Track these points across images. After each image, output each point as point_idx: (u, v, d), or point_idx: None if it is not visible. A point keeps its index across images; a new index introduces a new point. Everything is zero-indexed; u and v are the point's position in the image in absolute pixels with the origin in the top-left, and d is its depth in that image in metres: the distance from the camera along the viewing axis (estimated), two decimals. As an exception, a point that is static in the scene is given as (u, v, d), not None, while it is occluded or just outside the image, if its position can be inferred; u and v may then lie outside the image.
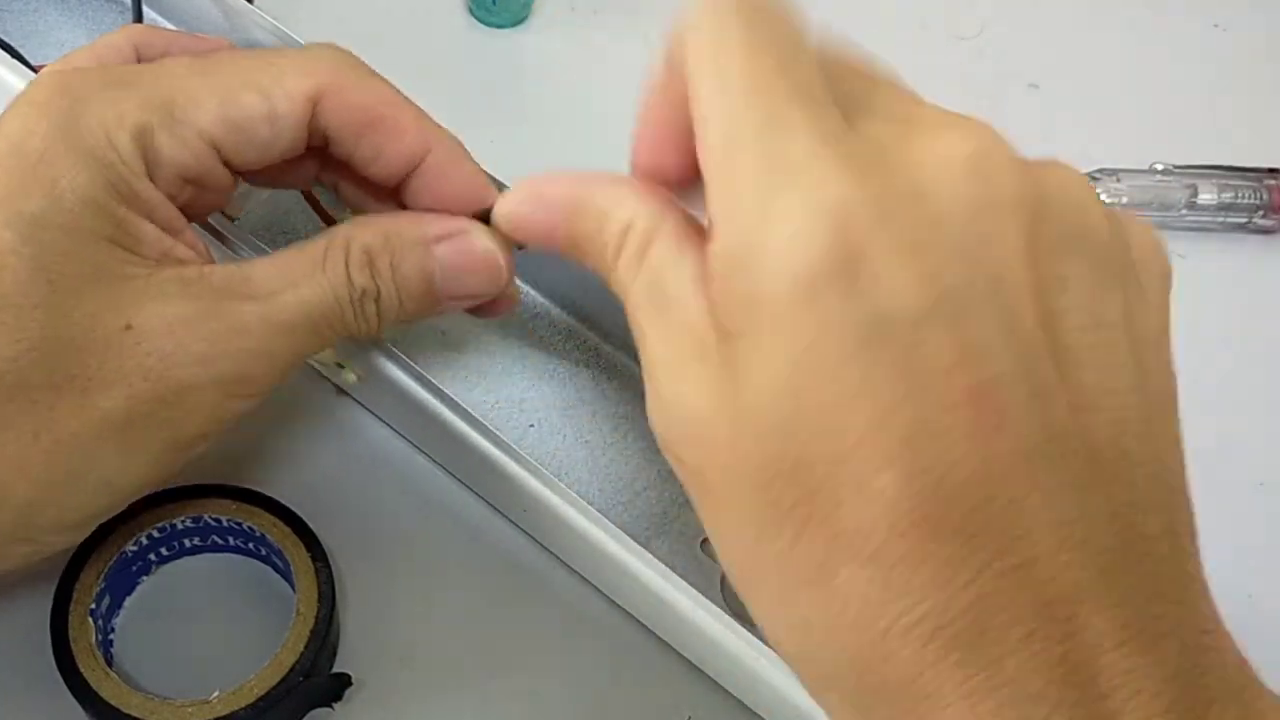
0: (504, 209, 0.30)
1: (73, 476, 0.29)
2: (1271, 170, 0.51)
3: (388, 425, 0.42)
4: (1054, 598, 0.20)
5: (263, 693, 0.33)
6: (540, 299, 0.45)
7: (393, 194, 0.34)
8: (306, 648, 0.34)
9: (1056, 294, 0.22)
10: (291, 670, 0.34)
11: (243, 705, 0.33)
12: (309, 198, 0.45)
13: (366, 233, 0.31)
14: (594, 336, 0.44)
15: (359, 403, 0.42)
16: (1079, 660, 0.20)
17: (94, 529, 0.32)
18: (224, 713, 0.33)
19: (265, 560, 0.38)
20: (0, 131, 0.28)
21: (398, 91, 0.32)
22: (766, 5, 0.24)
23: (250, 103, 0.30)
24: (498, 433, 0.37)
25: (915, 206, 0.21)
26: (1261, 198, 0.50)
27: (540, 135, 0.51)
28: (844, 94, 0.23)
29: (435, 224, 0.32)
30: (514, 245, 0.33)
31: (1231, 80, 0.56)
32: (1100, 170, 0.50)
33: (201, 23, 0.49)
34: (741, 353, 0.22)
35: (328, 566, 0.36)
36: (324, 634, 0.35)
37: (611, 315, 0.44)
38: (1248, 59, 0.57)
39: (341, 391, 0.42)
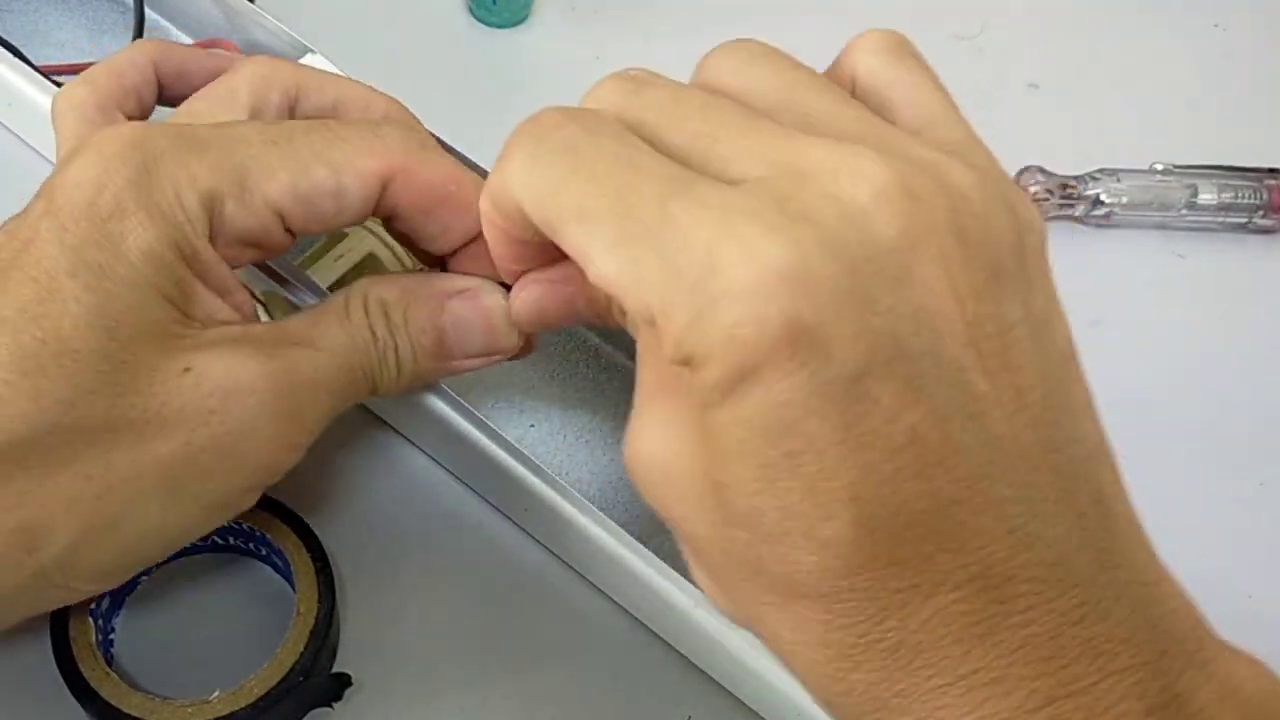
0: (516, 309, 0.31)
1: (119, 521, 0.29)
2: (1271, 170, 0.51)
3: (388, 426, 0.42)
4: (1017, 594, 0.22)
5: (263, 693, 0.33)
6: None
7: (440, 260, 0.34)
8: (306, 648, 0.34)
9: (974, 308, 0.22)
10: (291, 670, 0.34)
11: (243, 705, 0.33)
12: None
13: (382, 286, 0.32)
14: (594, 337, 0.44)
15: (360, 404, 0.42)
16: (1043, 638, 0.22)
17: (126, 578, 0.32)
18: (224, 712, 0.33)
19: (265, 560, 0.38)
20: (71, 178, 0.29)
21: (462, 168, 0.32)
22: (550, 121, 0.25)
23: (321, 178, 0.30)
24: (499, 432, 0.37)
25: (831, 260, 0.21)
26: (1261, 198, 0.50)
27: (540, 135, 0.51)
28: (699, 152, 0.24)
29: (450, 281, 0.33)
30: None
31: (1231, 80, 0.56)
32: (1100, 170, 0.50)
33: (203, 23, 0.49)
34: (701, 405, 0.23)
35: (328, 566, 0.36)
36: (324, 634, 0.35)
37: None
38: (1248, 59, 0.57)
39: None
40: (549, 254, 0.28)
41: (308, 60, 0.44)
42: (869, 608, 0.22)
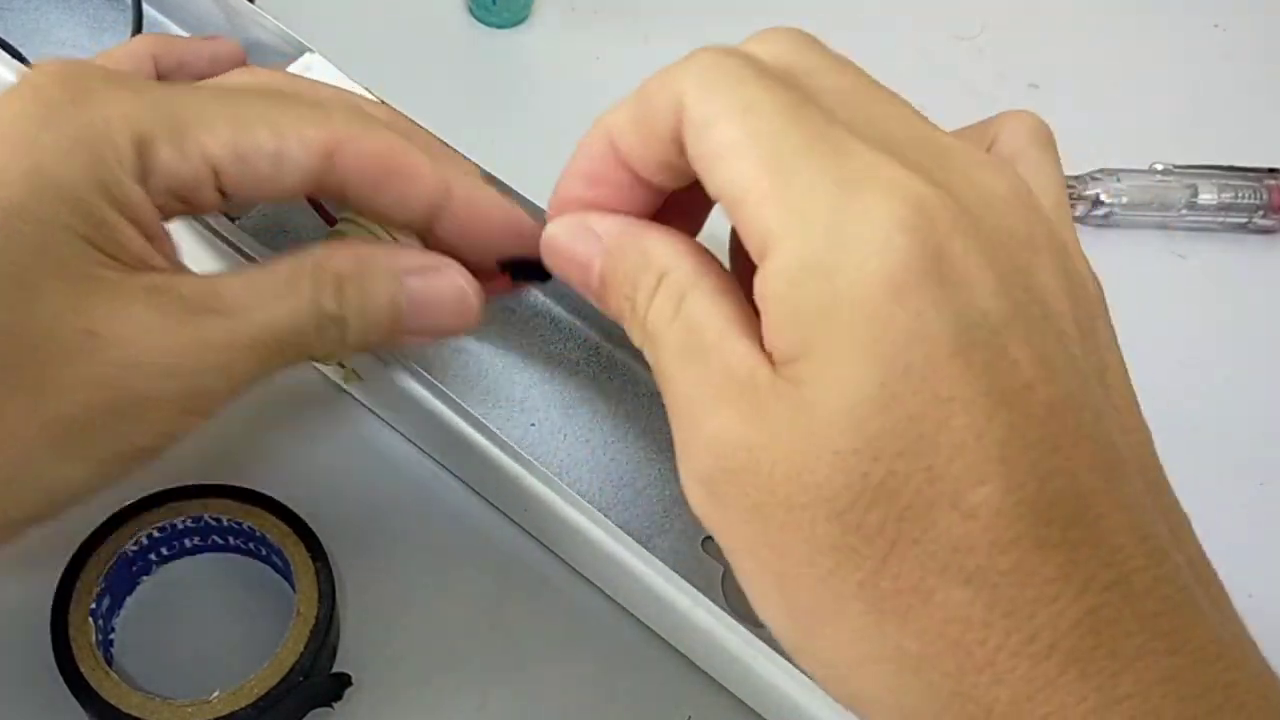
0: (548, 233, 0.29)
1: (8, 479, 0.27)
2: (1271, 170, 0.51)
3: (388, 424, 0.42)
4: (1155, 611, 0.20)
5: (263, 693, 0.33)
6: (541, 298, 0.45)
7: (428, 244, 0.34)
8: (306, 648, 0.34)
9: (1085, 324, 0.23)
10: (291, 670, 0.34)
11: (243, 705, 0.33)
12: (310, 198, 0.45)
13: (338, 257, 0.30)
14: (595, 335, 0.44)
15: (359, 402, 0.42)
16: (1188, 671, 0.20)
17: (20, 536, 0.30)
18: (224, 712, 0.33)
19: (265, 560, 0.38)
20: (3, 111, 0.27)
21: (408, 137, 0.32)
22: (762, 51, 0.25)
23: (263, 139, 0.29)
24: (498, 432, 0.37)
25: (982, 219, 0.21)
26: (1261, 198, 0.50)
27: (540, 135, 0.51)
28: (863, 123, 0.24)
29: (410, 257, 0.32)
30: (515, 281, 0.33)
31: (1231, 80, 0.56)
32: (1100, 170, 0.50)
33: (202, 22, 0.49)
34: (809, 374, 0.21)
35: (328, 566, 0.36)
36: (324, 634, 0.35)
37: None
38: (1248, 59, 0.57)
39: (342, 390, 0.42)
40: (635, 194, 0.27)
41: (306, 60, 0.44)
42: (1019, 598, 0.20)
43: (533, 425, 0.42)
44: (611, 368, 0.44)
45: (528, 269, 0.33)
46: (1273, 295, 0.50)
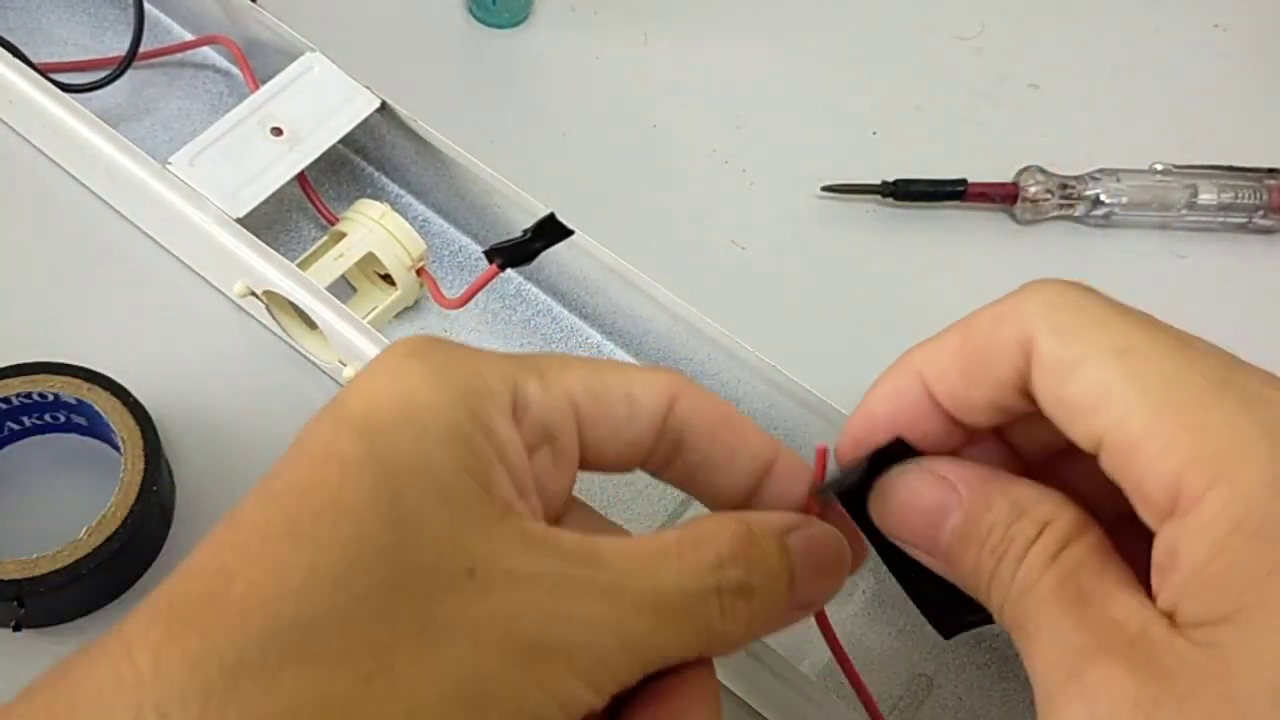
0: (888, 482, 0.27)
1: None
2: (1271, 170, 0.51)
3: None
4: None
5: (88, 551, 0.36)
6: (542, 295, 0.45)
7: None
8: (137, 502, 0.37)
9: None
10: (120, 527, 0.36)
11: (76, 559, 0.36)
12: (306, 188, 0.45)
13: (729, 519, 0.27)
14: (596, 334, 0.45)
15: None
16: None
17: None
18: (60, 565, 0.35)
19: (103, 438, 0.40)
20: (365, 374, 0.26)
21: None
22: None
23: (613, 380, 0.28)
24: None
25: None
26: (1261, 198, 0.50)
27: (540, 135, 0.51)
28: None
29: (778, 516, 0.28)
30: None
31: (1231, 80, 0.56)
32: (1100, 170, 0.50)
33: (203, 20, 0.49)
34: (1233, 641, 0.20)
35: (152, 428, 0.38)
36: (150, 490, 0.37)
37: (611, 315, 0.44)
38: (1248, 59, 0.57)
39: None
40: (948, 430, 0.26)
41: (307, 59, 0.44)
42: None
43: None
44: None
45: None
46: (1273, 295, 0.50)
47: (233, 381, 0.43)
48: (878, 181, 0.49)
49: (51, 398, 0.38)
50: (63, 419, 0.40)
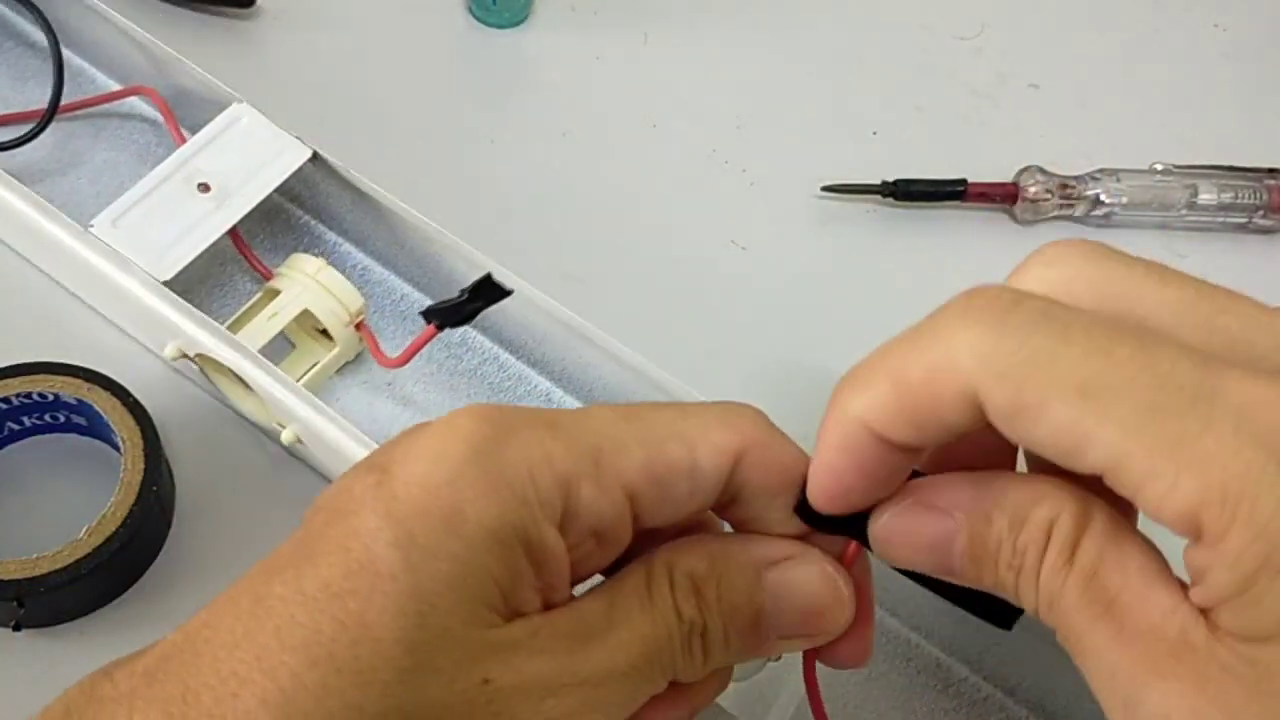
0: (882, 527, 0.26)
1: None
2: (1271, 170, 0.51)
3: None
4: None
5: (88, 551, 0.36)
6: (489, 344, 0.45)
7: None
8: (137, 501, 0.37)
9: None
10: (120, 527, 0.36)
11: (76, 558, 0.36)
12: (239, 243, 0.44)
13: (690, 556, 0.27)
14: (545, 381, 0.44)
15: (303, 461, 0.41)
16: None
17: None
18: (60, 565, 0.35)
19: (101, 437, 0.40)
20: (411, 446, 0.26)
21: (807, 454, 0.28)
22: (1053, 278, 0.23)
23: (675, 454, 0.27)
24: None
25: None
26: (1261, 198, 0.50)
27: (540, 135, 0.51)
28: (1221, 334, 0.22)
29: (765, 546, 0.28)
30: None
31: (1231, 80, 0.56)
32: (1100, 170, 0.50)
33: (129, 71, 0.47)
34: (1273, 655, 0.20)
35: (153, 429, 0.38)
36: (150, 491, 0.37)
37: (559, 362, 0.43)
38: (1248, 59, 0.57)
39: (288, 452, 0.42)
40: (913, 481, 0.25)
41: (234, 110, 0.43)
42: None
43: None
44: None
45: None
46: (1273, 295, 0.50)
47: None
48: (878, 181, 0.49)
49: (51, 398, 0.38)
50: (63, 419, 0.40)
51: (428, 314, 0.38)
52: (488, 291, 0.37)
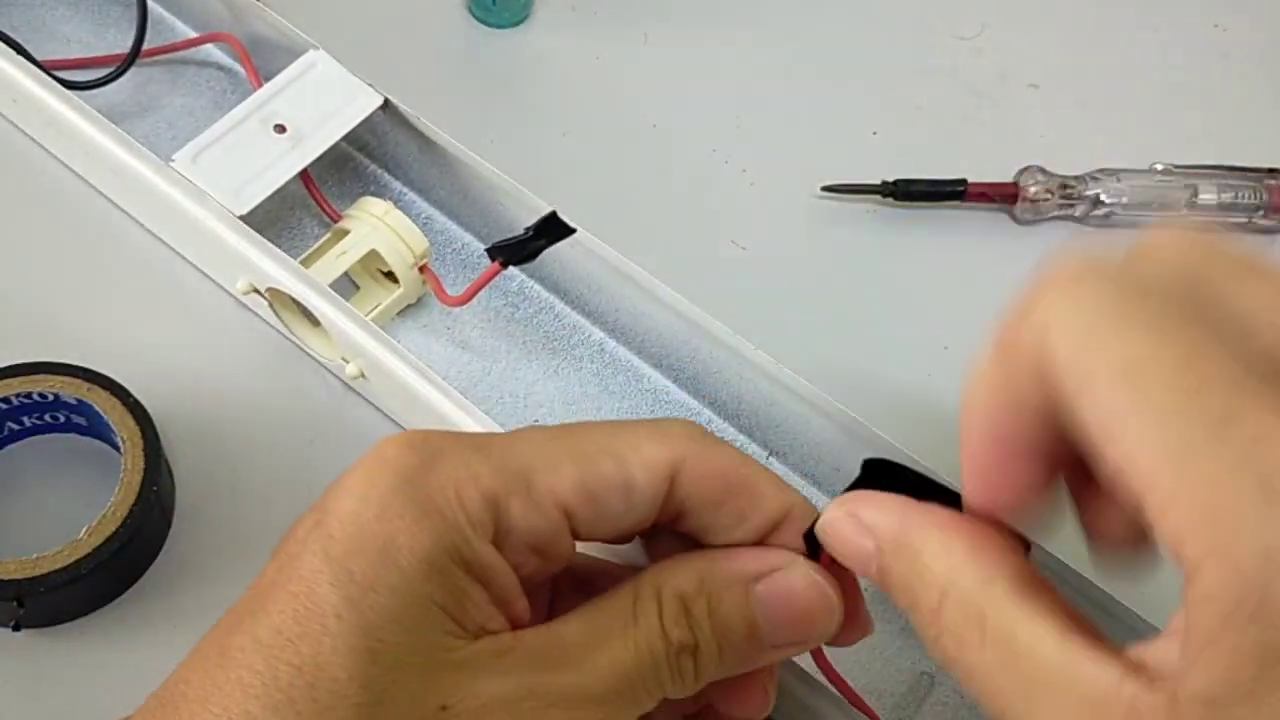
0: (822, 522, 0.27)
1: None
2: (1271, 170, 0.51)
3: (390, 419, 0.42)
4: None
5: (88, 551, 0.36)
6: (545, 293, 0.45)
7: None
8: (137, 502, 0.37)
9: None
10: (120, 528, 0.36)
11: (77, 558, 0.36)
12: (309, 185, 0.45)
13: (678, 576, 0.28)
14: (599, 331, 0.45)
15: (363, 397, 0.42)
16: None
17: None
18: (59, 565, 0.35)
19: (101, 437, 0.40)
20: (341, 485, 0.26)
21: (749, 457, 0.29)
22: (1151, 263, 0.21)
23: (607, 470, 0.27)
24: (502, 428, 0.37)
25: None
26: (1261, 198, 0.50)
27: (540, 135, 0.51)
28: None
29: (752, 559, 0.28)
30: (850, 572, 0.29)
31: (1231, 80, 0.56)
32: (1100, 170, 0.50)
33: (206, 17, 0.49)
34: (1249, 716, 0.19)
35: (153, 429, 0.38)
36: (150, 491, 0.37)
37: (614, 313, 0.44)
38: (1248, 59, 0.57)
39: (348, 387, 0.42)
40: (1036, 462, 0.23)
41: (310, 57, 0.45)
42: None
43: (537, 420, 0.42)
44: (616, 365, 0.44)
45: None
46: (1272, 295, 0.50)
47: (233, 381, 0.43)
48: (878, 181, 0.49)
49: (51, 398, 0.38)
50: (63, 419, 0.40)
51: (492, 250, 0.40)
52: (553, 229, 0.39)
